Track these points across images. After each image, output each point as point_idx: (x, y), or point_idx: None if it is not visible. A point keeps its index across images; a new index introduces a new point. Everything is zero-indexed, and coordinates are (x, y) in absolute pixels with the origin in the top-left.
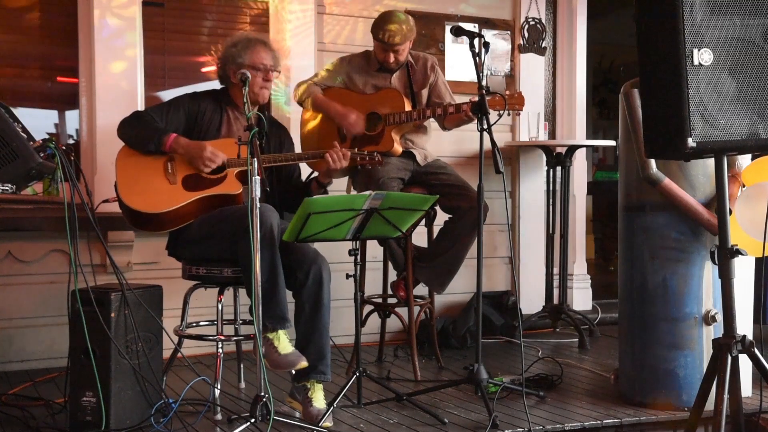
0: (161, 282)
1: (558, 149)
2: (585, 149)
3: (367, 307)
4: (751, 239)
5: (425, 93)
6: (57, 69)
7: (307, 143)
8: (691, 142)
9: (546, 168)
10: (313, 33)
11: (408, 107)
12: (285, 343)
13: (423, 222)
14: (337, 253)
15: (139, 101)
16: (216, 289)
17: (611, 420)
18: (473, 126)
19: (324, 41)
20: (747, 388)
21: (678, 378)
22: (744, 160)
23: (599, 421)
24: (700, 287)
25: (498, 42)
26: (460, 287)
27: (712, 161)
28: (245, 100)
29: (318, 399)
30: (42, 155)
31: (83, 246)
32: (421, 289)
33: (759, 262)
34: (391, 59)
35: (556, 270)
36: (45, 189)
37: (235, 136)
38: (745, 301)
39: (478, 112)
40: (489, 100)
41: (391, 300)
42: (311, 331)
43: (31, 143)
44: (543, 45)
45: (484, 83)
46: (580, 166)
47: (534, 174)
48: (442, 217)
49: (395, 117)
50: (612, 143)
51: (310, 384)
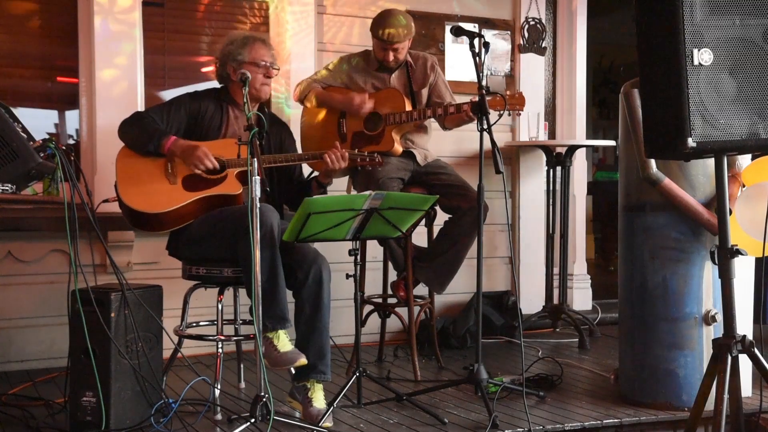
0: (161, 282)
1: (558, 149)
2: (585, 149)
3: (367, 307)
4: (751, 239)
5: (425, 93)
6: (57, 69)
7: (307, 142)
8: (691, 142)
9: (546, 168)
10: (313, 33)
11: (408, 107)
12: (284, 342)
13: (423, 222)
14: (337, 253)
15: (139, 101)
16: (216, 289)
17: (611, 420)
18: (473, 126)
19: (324, 41)
20: (747, 388)
21: (678, 378)
22: (744, 160)
23: (599, 421)
24: (700, 287)
25: (498, 42)
26: (460, 287)
27: (712, 161)
28: (245, 99)
29: (318, 399)
30: (42, 155)
31: (83, 246)
32: (421, 289)
33: (759, 262)
34: (390, 58)
35: (556, 270)
36: (45, 189)
37: (236, 135)
38: (745, 301)
39: (478, 112)
40: (489, 100)
41: (391, 300)
42: (311, 331)
43: (31, 143)
44: (543, 45)
45: (484, 83)
46: (580, 166)
47: (534, 174)
48: (442, 217)
49: (396, 117)
50: (612, 143)
51: (310, 384)
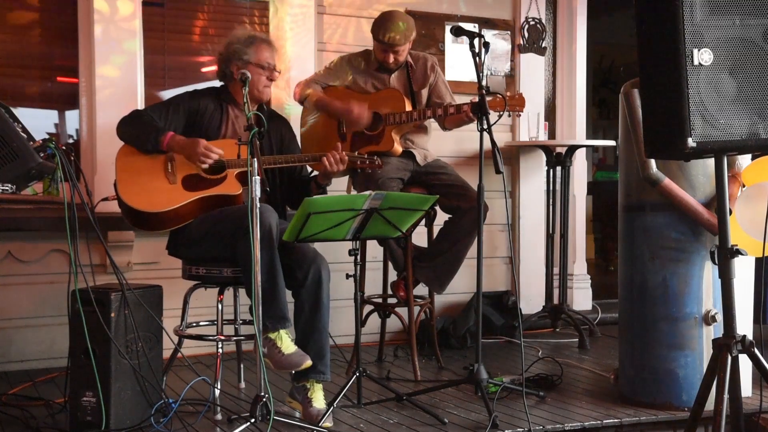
0: (161, 282)
1: (558, 149)
2: (585, 149)
3: (367, 307)
4: (751, 239)
5: (425, 93)
6: (57, 69)
7: (307, 142)
8: (691, 142)
9: (546, 168)
10: (313, 33)
11: (408, 107)
12: (288, 343)
13: (423, 222)
14: (337, 253)
15: (139, 101)
16: (216, 289)
17: (611, 420)
18: (473, 126)
19: (324, 41)
20: (747, 388)
21: (678, 378)
22: (744, 160)
23: (599, 421)
24: (700, 287)
25: (498, 42)
26: (460, 287)
27: (712, 161)
28: (245, 99)
29: (318, 399)
30: (42, 155)
31: (83, 246)
32: (421, 289)
33: (759, 262)
34: (391, 59)
35: (556, 270)
36: (45, 189)
37: (236, 134)
38: (745, 301)
39: (478, 112)
40: (489, 100)
41: (391, 300)
42: (311, 331)
43: (31, 143)
44: (543, 45)
45: (484, 83)
46: (580, 166)
47: (534, 174)
48: (442, 217)
49: (396, 117)
50: (612, 143)
51: (309, 384)
